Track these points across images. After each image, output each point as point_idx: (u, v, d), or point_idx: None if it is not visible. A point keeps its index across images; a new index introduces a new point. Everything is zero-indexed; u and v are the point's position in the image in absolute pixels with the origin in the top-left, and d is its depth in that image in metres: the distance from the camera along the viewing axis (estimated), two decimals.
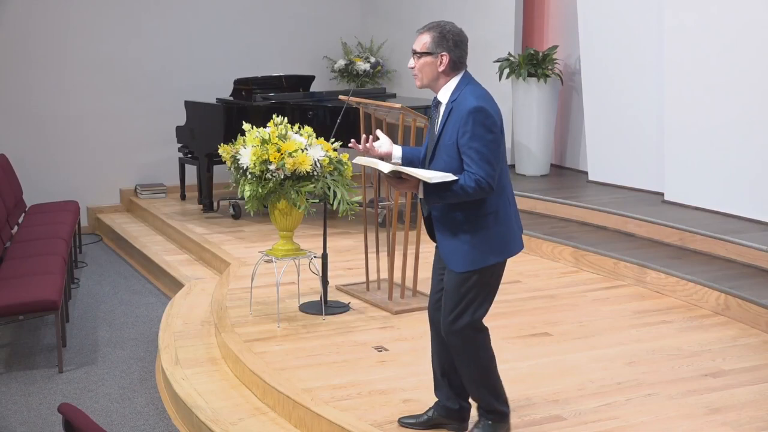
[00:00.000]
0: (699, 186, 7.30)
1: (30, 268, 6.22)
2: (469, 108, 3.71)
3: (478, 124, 3.69)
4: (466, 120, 3.70)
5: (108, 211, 9.93)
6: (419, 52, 3.84)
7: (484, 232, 3.81)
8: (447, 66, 3.83)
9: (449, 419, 4.15)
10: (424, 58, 3.83)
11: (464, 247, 3.81)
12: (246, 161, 5.46)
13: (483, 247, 3.81)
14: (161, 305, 6.73)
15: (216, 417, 4.56)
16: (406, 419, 4.22)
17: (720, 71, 7.06)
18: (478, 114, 3.70)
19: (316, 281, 6.00)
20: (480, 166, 3.68)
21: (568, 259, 7.02)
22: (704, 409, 4.39)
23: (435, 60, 3.82)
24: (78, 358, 5.96)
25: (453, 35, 3.84)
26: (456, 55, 3.83)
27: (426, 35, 3.84)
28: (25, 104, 9.52)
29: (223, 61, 10.11)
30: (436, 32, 3.83)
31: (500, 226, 3.85)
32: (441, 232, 3.88)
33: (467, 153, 3.70)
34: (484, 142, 3.69)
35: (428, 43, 3.83)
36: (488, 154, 3.69)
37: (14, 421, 4.99)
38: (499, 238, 3.86)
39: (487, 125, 3.71)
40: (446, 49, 3.82)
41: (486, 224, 3.81)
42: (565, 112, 9.32)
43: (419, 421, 4.19)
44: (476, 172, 3.67)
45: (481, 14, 9.50)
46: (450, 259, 3.86)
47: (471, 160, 3.69)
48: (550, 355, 5.12)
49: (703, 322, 5.72)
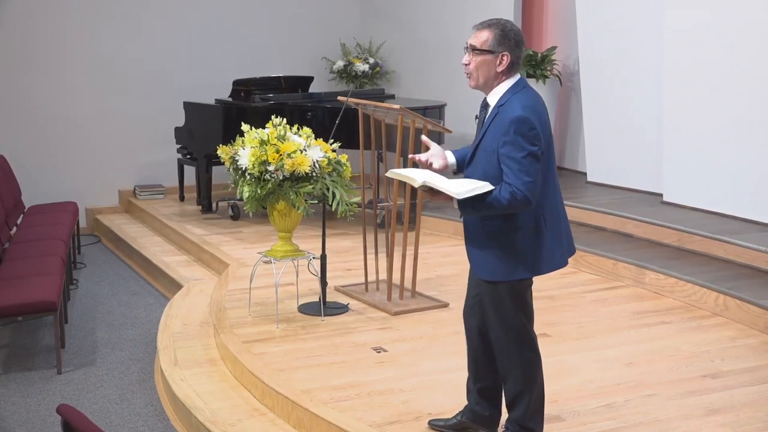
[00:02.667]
0: (698, 187, 7.30)
1: (29, 269, 6.22)
2: (512, 117, 3.54)
3: (519, 135, 3.52)
4: (507, 129, 3.54)
5: (107, 212, 9.92)
6: (479, 48, 3.64)
7: (509, 246, 3.67)
8: (506, 67, 3.65)
9: (477, 424, 4.07)
10: (484, 55, 3.64)
11: (490, 257, 3.70)
12: (245, 162, 5.46)
13: (506, 262, 3.68)
14: (160, 306, 6.73)
15: (215, 418, 4.56)
16: (435, 421, 4.19)
17: (719, 72, 7.06)
18: (521, 124, 3.53)
19: (315, 282, 6.00)
20: (518, 177, 3.50)
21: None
22: (703, 410, 4.39)
23: (495, 59, 3.63)
24: (77, 359, 5.96)
25: (515, 34, 3.66)
26: (516, 55, 3.66)
27: (486, 32, 3.65)
28: (24, 105, 9.52)
29: (222, 61, 10.11)
30: (498, 29, 3.64)
31: (533, 241, 3.68)
32: (469, 238, 3.77)
33: (506, 162, 3.54)
34: (524, 154, 3.51)
35: (490, 40, 3.63)
36: (528, 166, 3.51)
37: (13, 422, 4.99)
38: (527, 254, 3.69)
39: (530, 137, 3.53)
40: (508, 49, 3.64)
41: (515, 238, 3.66)
42: (564, 113, 9.32)
43: (448, 424, 4.14)
44: (513, 183, 3.51)
45: (480, 15, 9.41)
46: (475, 266, 3.78)
47: (509, 170, 3.53)
48: (548, 356, 5.06)
49: (702, 322, 5.72)
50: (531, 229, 3.66)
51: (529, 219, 3.64)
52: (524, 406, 3.86)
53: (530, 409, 3.87)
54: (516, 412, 3.89)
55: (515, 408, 3.89)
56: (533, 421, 3.90)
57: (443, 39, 9.76)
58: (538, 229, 3.68)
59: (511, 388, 3.87)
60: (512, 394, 3.88)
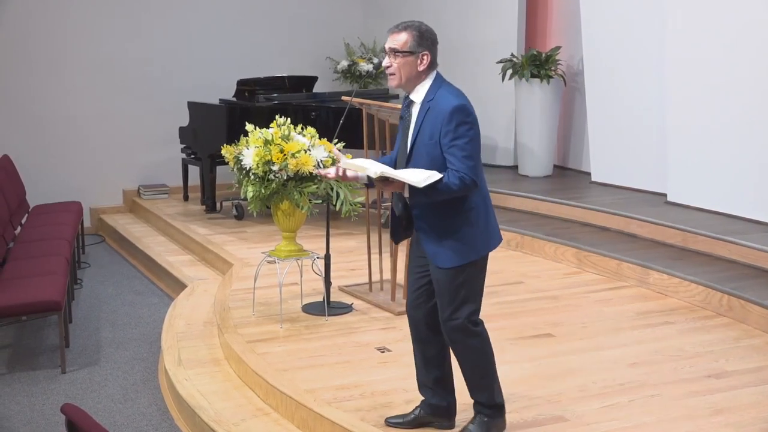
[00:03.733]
0: (702, 187, 7.30)
1: (33, 269, 6.23)
2: (451, 107, 3.73)
3: (460, 123, 3.72)
4: (449, 119, 3.72)
5: (111, 212, 9.94)
6: (400, 51, 3.81)
7: (467, 227, 3.85)
8: (427, 65, 3.83)
9: (436, 417, 4.17)
10: (405, 57, 3.81)
11: (449, 243, 3.84)
12: (249, 162, 5.47)
13: (467, 242, 3.85)
14: (164, 306, 6.73)
15: (219, 418, 4.57)
16: (393, 419, 4.24)
17: (722, 72, 7.06)
18: (460, 113, 3.73)
19: (319, 282, 6.00)
20: (463, 162, 3.71)
21: (570, 260, 7.02)
22: (707, 410, 4.39)
23: (416, 59, 3.81)
24: (81, 358, 5.97)
25: (430, 34, 3.86)
26: (434, 54, 3.85)
27: (404, 34, 3.82)
28: (29, 105, 9.53)
29: (226, 61, 10.12)
30: (415, 31, 3.82)
31: (481, 220, 3.89)
32: (424, 231, 3.90)
33: (450, 151, 3.73)
34: (466, 140, 3.73)
35: (409, 41, 3.81)
36: (471, 151, 3.74)
37: (17, 421, 5.00)
38: (482, 233, 3.90)
39: (468, 123, 3.74)
40: (427, 48, 3.82)
41: (468, 220, 3.85)
42: (568, 113, 9.31)
43: (406, 420, 4.21)
44: (460, 169, 3.71)
45: (484, 15, 9.50)
46: (436, 257, 3.88)
47: (454, 157, 3.72)
48: (552, 356, 5.12)
49: (706, 323, 5.72)
50: (481, 207, 3.88)
51: (477, 199, 3.86)
52: (488, 385, 4.02)
53: (495, 385, 4.04)
54: (482, 394, 4.03)
55: (480, 390, 4.03)
56: (499, 395, 4.06)
57: (446, 39, 9.70)
58: (486, 208, 3.92)
59: (471, 371, 4.01)
60: (474, 377, 4.02)
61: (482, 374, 4.02)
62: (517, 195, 8.19)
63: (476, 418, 4.06)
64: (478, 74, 9.52)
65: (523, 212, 8.06)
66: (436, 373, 4.11)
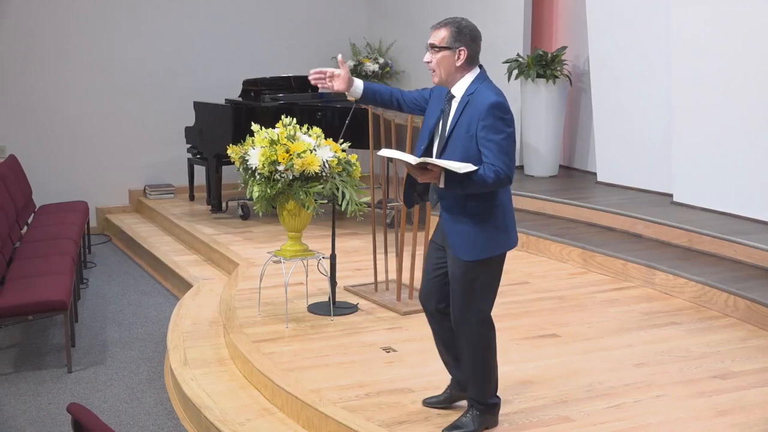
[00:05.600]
0: (707, 187, 7.29)
1: (39, 269, 6.24)
2: (490, 102, 3.79)
3: (498, 119, 3.78)
4: (486, 114, 3.78)
5: (117, 212, 9.95)
6: (438, 46, 3.89)
7: (492, 222, 3.91)
8: (465, 61, 3.89)
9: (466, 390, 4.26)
10: (443, 52, 3.89)
11: (473, 236, 3.90)
12: (255, 162, 5.47)
13: (491, 238, 3.92)
14: (170, 305, 6.74)
15: (224, 417, 4.57)
16: (429, 399, 4.40)
17: (728, 71, 7.05)
18: (498, 109, 3.79)
19: (325, 282, 6.00)
20: (498, 157, 3.76)
21: (576, 260, 7.02)
22: (713, 411, 4.38)
23: (453, 54, 3.88)
24: (87, 358, 5.98)
25: (470, 30, 3.92)
26: (473, 49, 3.91)
27: (443, 30, 3.90)
28: (34, 105, 9.55)
29: (232, 61, 10.13)
30: (454, 27, 3.89)
31: (505, 218, 3.96)
32: (451, 221, 3.95)
33: (486, 145, 3.78)
34: (503, 136, 3.78)
35: (446, 37, 3.88)
36: (507, 147, 3.79)
37: (23, 420, 5.01)
38: (504, 230, 3.96)
39: (506, 120, 3.80)
40: (464, 44, 3.88)
41: (495, 215, 3.91)
42: (574, 113, 9.31)
43: (440, 399, 4.36)
44: (495, 163, 3.76)
45: (490, 15, 9.49)
46: (459, 248, 3.94)
47: (490, 151, 3.77)
48: (558, 357, 5.11)
49: (712, 323, 5.71)
50: (507, 205, 3.97)
51: (504, 196, 3.94)
52: (486, 383, 4.10)
53: (492, 385, 4.12)
54: (478, 390, 4.12)
55: (477, 386, 4.11)
56: (493, 395, 4.15)
57: None
58: (511, 205, 4.01)
59: (472, 366, 4.08)
60: (473, 373, 4.10)
61: (482, 371, 4.09)
62: (523, 195, 8.19)
63: (469, 411, 4.15)
64: None
65: (529, 212, 8.05)
66: (455, 351, 4.20)
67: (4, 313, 5.54)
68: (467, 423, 4.11)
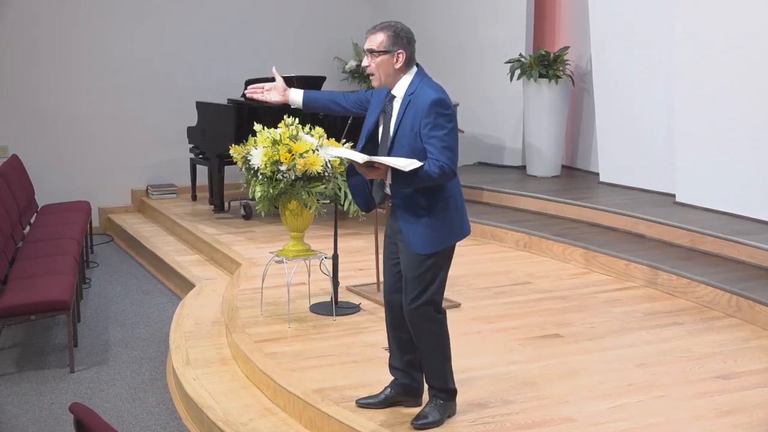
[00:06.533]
0: (710, 187, 7.28)
1: (41, 268, 6.24)
2: (431, 100, 3.89)
3: (440, 115, 3.89)
4: (428, 111, 3.89)
5: (119, 212, 9.96)
6: (377, 50, 4.00)
7: (443, 215, 4.02)
8: (403, 63, 4.01)
9: (406, 396, 4.36)
10: (381, 56, 4.00)
11: (427, 230, 4.01)
12: (257, 162, 5.47)
13: (444, 230, 4.04)
14: (172, 305, 6.74)
15: (226, 417, 4.57)
16: (363, 400, 4.41)
17: (730, 71, 7.04)
18: (439, 105, 3.89)
19: (327, 282, 6.01)
20: (443, 153, 3.87)
21: (578, 260, 7.02)
22: (715, 412, 4.38)
23: (392, 58, 4.00)
24: (89, 358, 5.98)
25: (406, 33, 4.03)
26: (410, 51, 4.02)
27: (380, 34, 4.01)
28: (37, 105, 9.56)
29: (234, 61, 10.13)
30: (390, 31, 4.01)
31: (456, 209, 4.07)
32: (404, 218, 4.05)
33: (430, 142, 3.89)
34: (445, 131, 3.89)
35: (384, 41, 4.00)
36: (450, 142, 3.90)
37: (26, 420, 5.01)
38: (456, 221, 4.08)
39: (448, 115, 3.91)
40: (402, 47, 4.00)
41: (445, 208, 4.02)
42: (576, 113, 9.31)
43: (378, 400, 4.38)
44: (439, 159, 3.86)
45: (493, 15, 9.50)
46: (414, 243, 4.03)
47: (434, 147, 3.88)
48: (560, 357, 5.11)
49: (715, 323, 5.71)
50: (457, 195, 4.08)
51: (454, 187, 4.05)
52: (444, 371, 4.21)
53: (449, 372, 4.23)
54: (438, 379, 4.22)
55: (436, 375, 4.22)
56: (452, 381, 4.25)
57: (454, 39, 9.76)
58: (461, 196, 4.11)
59: (429, 356, 4.19)
60: (431, 362, 4.20)
61: (439, 360, 4.19)
62: (525, 195, 8.19)
63: (432, 402, 4.23)
64: (486, 74, 9.52)
65: (531, 212, 8.06)
66: (409, 356, 4.30)
67: (6, 313, 5.55)
68: (432, 412, 4.19)
